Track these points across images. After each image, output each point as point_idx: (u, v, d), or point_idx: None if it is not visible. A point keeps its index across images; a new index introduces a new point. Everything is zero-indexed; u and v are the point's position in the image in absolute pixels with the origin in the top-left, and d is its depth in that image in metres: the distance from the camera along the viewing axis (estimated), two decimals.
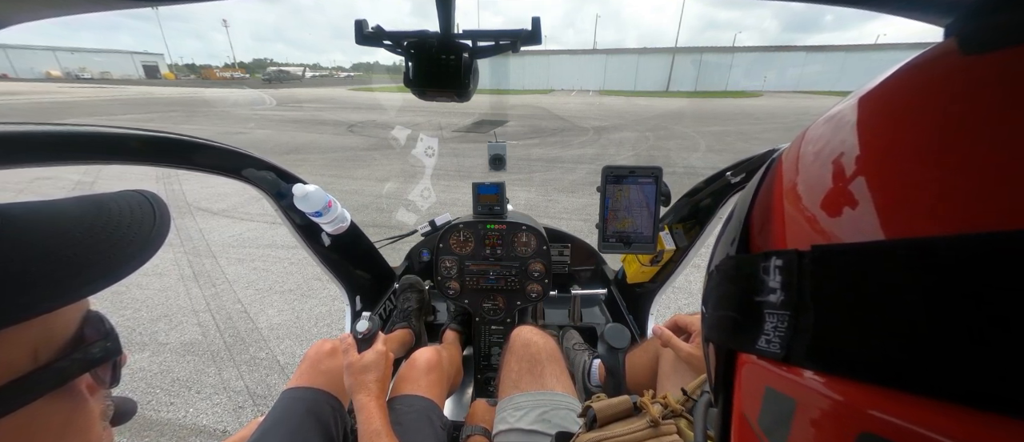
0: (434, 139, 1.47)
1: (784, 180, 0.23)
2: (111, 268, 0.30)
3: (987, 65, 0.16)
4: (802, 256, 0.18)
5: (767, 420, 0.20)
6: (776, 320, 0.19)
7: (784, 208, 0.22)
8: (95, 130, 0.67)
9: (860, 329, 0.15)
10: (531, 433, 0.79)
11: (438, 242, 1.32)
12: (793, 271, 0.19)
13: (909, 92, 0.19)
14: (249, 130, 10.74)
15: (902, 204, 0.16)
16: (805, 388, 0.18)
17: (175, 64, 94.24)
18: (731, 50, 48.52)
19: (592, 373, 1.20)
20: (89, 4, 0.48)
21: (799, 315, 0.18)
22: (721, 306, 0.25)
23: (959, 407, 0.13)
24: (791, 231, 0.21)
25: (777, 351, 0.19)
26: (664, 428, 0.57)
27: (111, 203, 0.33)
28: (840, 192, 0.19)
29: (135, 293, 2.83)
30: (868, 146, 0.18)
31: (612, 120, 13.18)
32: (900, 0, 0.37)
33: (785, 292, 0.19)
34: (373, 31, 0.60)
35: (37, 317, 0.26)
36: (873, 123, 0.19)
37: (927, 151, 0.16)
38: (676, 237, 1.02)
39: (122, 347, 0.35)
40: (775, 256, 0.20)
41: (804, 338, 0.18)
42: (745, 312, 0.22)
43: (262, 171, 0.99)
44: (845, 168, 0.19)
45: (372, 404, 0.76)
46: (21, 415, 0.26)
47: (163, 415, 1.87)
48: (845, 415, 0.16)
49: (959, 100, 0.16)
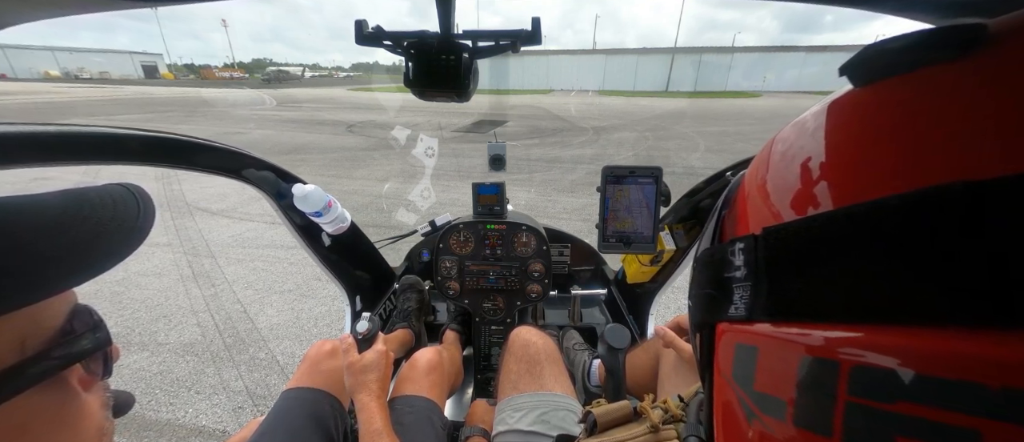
0: (434, 139, 1.47)
1: (747, 180, 0.29)
2: (92, 261, 0.30)
3: (871, 94, 0.22)
4: (757, 238, 0.24)
5: (738, 370, 0.25)
6: (742, 291, 0.24)
7: (746, 203, 0.28)
8: (96, 130, 0.67)
9: (799, 285, 0.21)
10: (530, 434, 0.79)
11: (438, 242, 1.32)
12: (751, 250, 0.24)
13: (839, 115, 0.24)
14: (248, 130, 10.74)
15: (808, 194, 0.22)
16: (763, 336, 0.23)
17: (174, 64, 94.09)
18: (730, 50, 48.54)
19: (591, 373, 1.20)
20: (89, 4, 0.48)
21: (757, 284, 0.23)
22: (701, 286, 0.30)
23: (873, 326, 0.17)
24: (750, 220, 0.26)
25: (743, 314, 0.24)
26: (664, 433, 0.56)
27: (93, 196, 0.32)
28: (786, 185, 0.24)
29: (134, 293, 2.83)
30: (815, 152, 0.24)
31: (611, 120, 13.18)
32: (896, 1, 0.38)
33: (747, 268, 0.24)
34: (373, 31, 0.60)
35: (17, 310, 0.26)
36: (817, 135, 0.24)
37: (850, 154, 0.22)
38: (676, 237, 1.02)
39: (111, 338, 0.35)
40: (738, 241, 0.25)
41: (761, 299, 0.23)
42: (718, 288, 0.27)
43: (262, 171, 0.99)
44: (793, 169, 0.24)
45: (373, 404, 0.76)
46: (10, 407, 0.26)
47: (162, 415, 1.86)
48: (792, 349, 0.21)
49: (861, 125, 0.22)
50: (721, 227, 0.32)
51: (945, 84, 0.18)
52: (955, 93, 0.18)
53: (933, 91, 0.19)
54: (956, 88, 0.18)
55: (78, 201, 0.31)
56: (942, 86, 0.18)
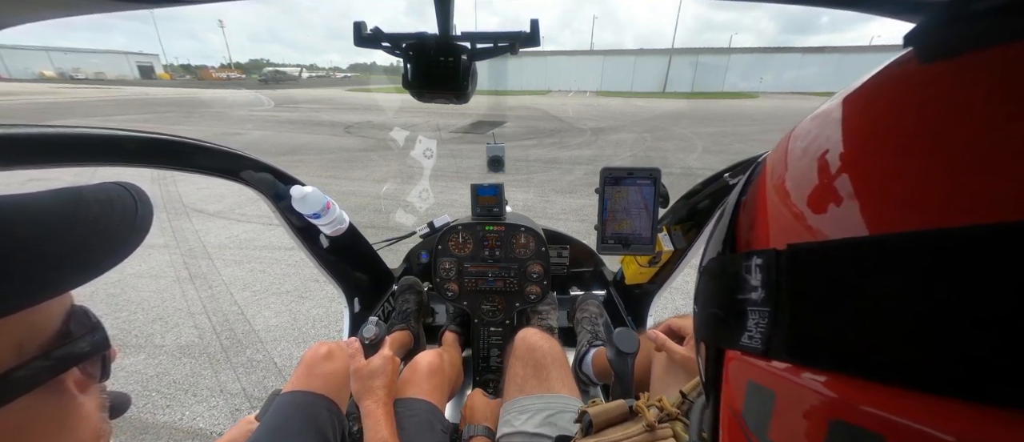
0: (433, 141, 1.47)
1: (767, 181, 0.24)
2: (92, 262, 0.29)
3: (942, 74, 0.16)
4: (780, 255, 0.19)
5: (751, 412, 0.21)
6: (757, 317, 0.20)
7: (766, 208, 0.23)
8: (94, 132, 0.67)
9: (833, 324, 0.16)
10: (536, 436, 0.79)
11: (437, 244, 1.32)
12: (772, 270, 0.20)
13: (880, 100, 0.20)
14: (246, 131, 10.70)
15: (874, 204, 0.16)
16: (783, 380, 0.19)
17: (170, 65, 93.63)
18: (727, 51, 48.75)
19: (586, 361, 1.20)
20: (90, 6, 0.48)
21: (777, 312, 0.19)
22: (709, 304, 0.26)
23: (929, 396, 0.14)
24: (772, 230, 0.22)
25: (758, 346, 0.20)
26: (660, 432, 0.57)
27: (90, 195, 0.32)
28: (817, 190, 0.19)
29: (130, 295, 2.82)
30: (847, 149, 0.19)
31: (609, 121, 13.20)
32: (891, 2, 0.38)
33: (765, 290, 0.20)
34: (372, 33, 0.60)
35: (16, 312, 0.25)
36: (853, 127, 0.20)
37: (902, 153, 0.17)
38: (674, 238, 1.03)
39: (110, 341, 0.35)
40: (756, 255, 0.21)
41: (781, 333, 0.18)
42: (730, 309, 0.22)
43: (260, 173, 0.99)
44: (822, 168, 0.20)
45: (379, 411, 0.76)
46: (7, 410, 0.26)
47: (159, 418, 1.85)
48: (819, 404, 0.17)
49: (922, 108, 0.17)
50: (735, 231, 0.26)
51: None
52: None
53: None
54: None
55: (75, 201, 0.31)
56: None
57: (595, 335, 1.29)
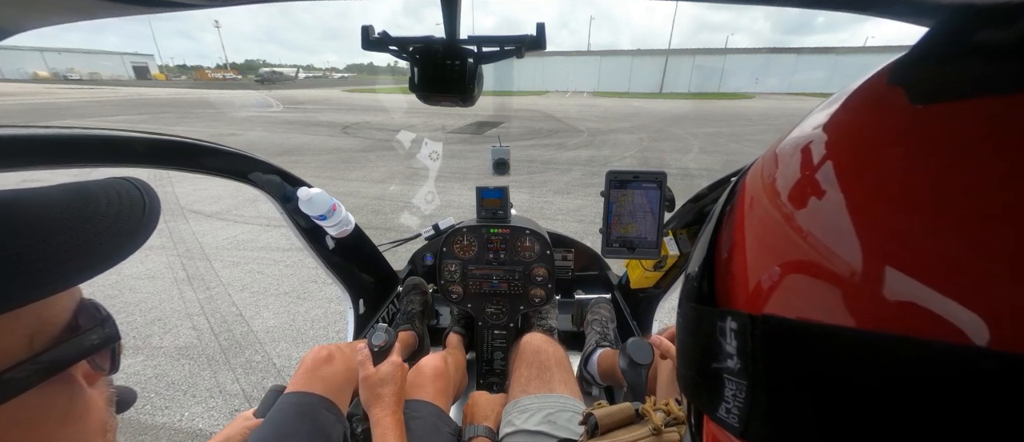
0: (438, 143, 1.46)
1: (745, 221, 0.21)
2: (102, 255, 0.29)
3: (938, 120, 0.14)
4: (755, 322, 0.17)
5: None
6: (734, 388, 0.18)
7: (744, 256, 0.20)
8: (100, 133, 0.66)
9: (819, 420, 0.14)
10: (536, 434, 0.80)
11: (441, 246, 1.31)
12: (745, 338, 0.17)
13: (869, 151, 0.17)
14: (243, 131, 10.65)
15: (869, 289, 0.14)
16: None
17: (166, 65, 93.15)
18: (724, 52, 48.94)
19: (591, 361, 1.20)
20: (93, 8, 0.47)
21: (754, 391, 0.17)
22: (686, 364, 0.23)
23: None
24: (749, 288, 0.19)
25: (735, 425, 0.18)
26: (667, 436, 0.57)
27: (98, 190, 0.32)
28: (798, 257, 0.17)
29: (128, 297, 2.80)
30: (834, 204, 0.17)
31: (607, 122, 13.24)
32: (887, 3, 0.37)
33: (741, 360, 0.18)
34: (380, 37, 0.60)
35: (29, 304, 0.25)
36: (843, 178, 0.17)
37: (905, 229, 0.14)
38: (680, 243, 1.03)
39: (120, 333, 0.35)
40: (730, 317, 0.18)
41: (760, 416, 0.17)
42: (706, 374, 0.20)
43: (268, 175, 0.99)
44: (799, 230, 0.17)
45: (389, 420, 0.76)
46: (18, 403, 0.26)
47: (158, 419, 1.84)
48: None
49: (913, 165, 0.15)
50: (711, 269, 0.23)
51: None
52: None
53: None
54: None
55: (84, 196, 0.31)
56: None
57: (604, 336, 1.29)
